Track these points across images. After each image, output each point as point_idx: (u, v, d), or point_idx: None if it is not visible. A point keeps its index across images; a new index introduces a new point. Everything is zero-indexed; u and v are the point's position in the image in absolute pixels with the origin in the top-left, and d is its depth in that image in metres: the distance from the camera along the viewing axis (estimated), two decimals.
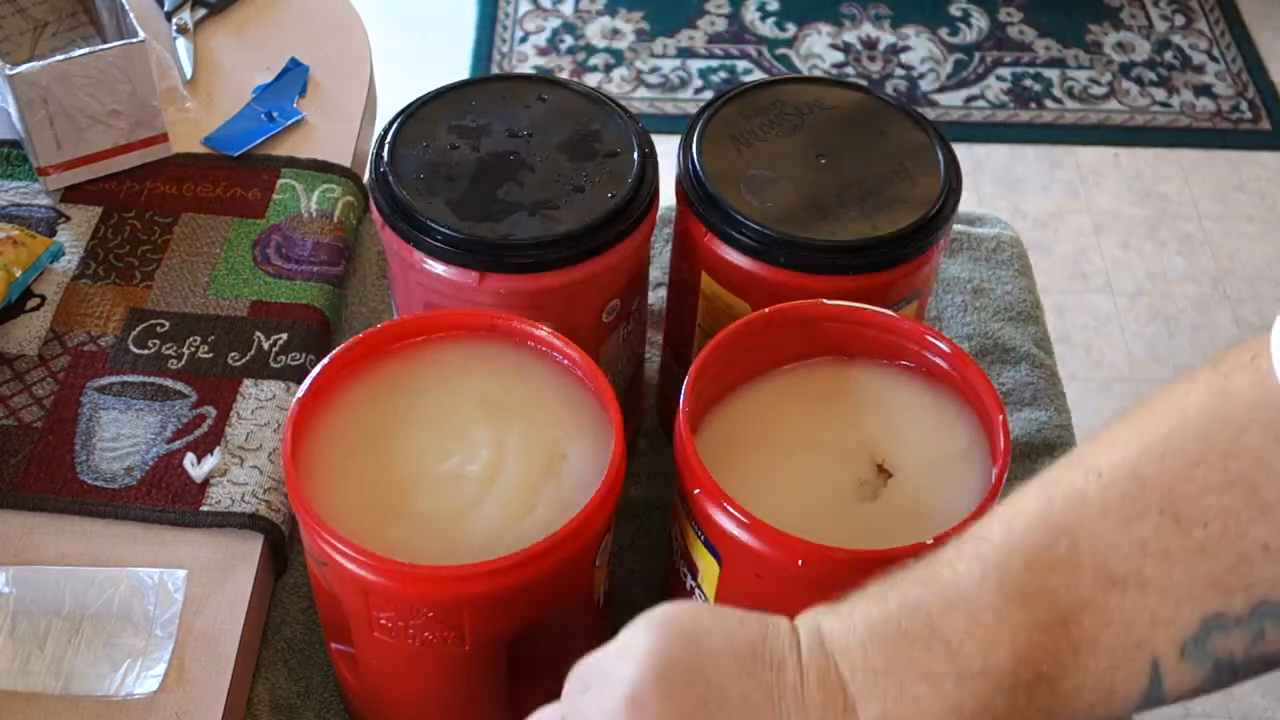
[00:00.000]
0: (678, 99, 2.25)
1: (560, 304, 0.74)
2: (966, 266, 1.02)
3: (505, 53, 2.32)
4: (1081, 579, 0.50)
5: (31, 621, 0.73)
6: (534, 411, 0.69)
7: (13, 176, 0.96)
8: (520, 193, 0.74)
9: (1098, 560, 0.50)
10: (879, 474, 0.68)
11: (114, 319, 0.87)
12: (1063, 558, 0.50)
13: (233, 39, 1.07)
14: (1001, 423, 0.66)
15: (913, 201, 0.76)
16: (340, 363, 0.69)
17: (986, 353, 0.97)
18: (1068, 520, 0.51)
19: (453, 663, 0.65)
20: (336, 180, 0.97)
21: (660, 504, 0.87)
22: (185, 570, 0.75)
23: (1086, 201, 2.15)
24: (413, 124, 0.78)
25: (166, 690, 0.71)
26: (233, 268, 0.91)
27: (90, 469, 0.79)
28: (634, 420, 0.90)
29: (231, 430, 0.81)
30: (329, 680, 0.78)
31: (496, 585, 0.60)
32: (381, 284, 0.97)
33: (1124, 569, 0.50)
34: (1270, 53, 2.40)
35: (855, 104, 0.82)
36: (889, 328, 0.71)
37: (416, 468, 0.66)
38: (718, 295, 0.78)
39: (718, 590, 0.67)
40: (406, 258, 0.73)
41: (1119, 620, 0.50)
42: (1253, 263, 2.07)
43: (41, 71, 0.88)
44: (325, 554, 0.61)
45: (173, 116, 0.99)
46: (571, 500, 0.64)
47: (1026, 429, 0.93)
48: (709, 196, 0.76)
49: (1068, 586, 0.50)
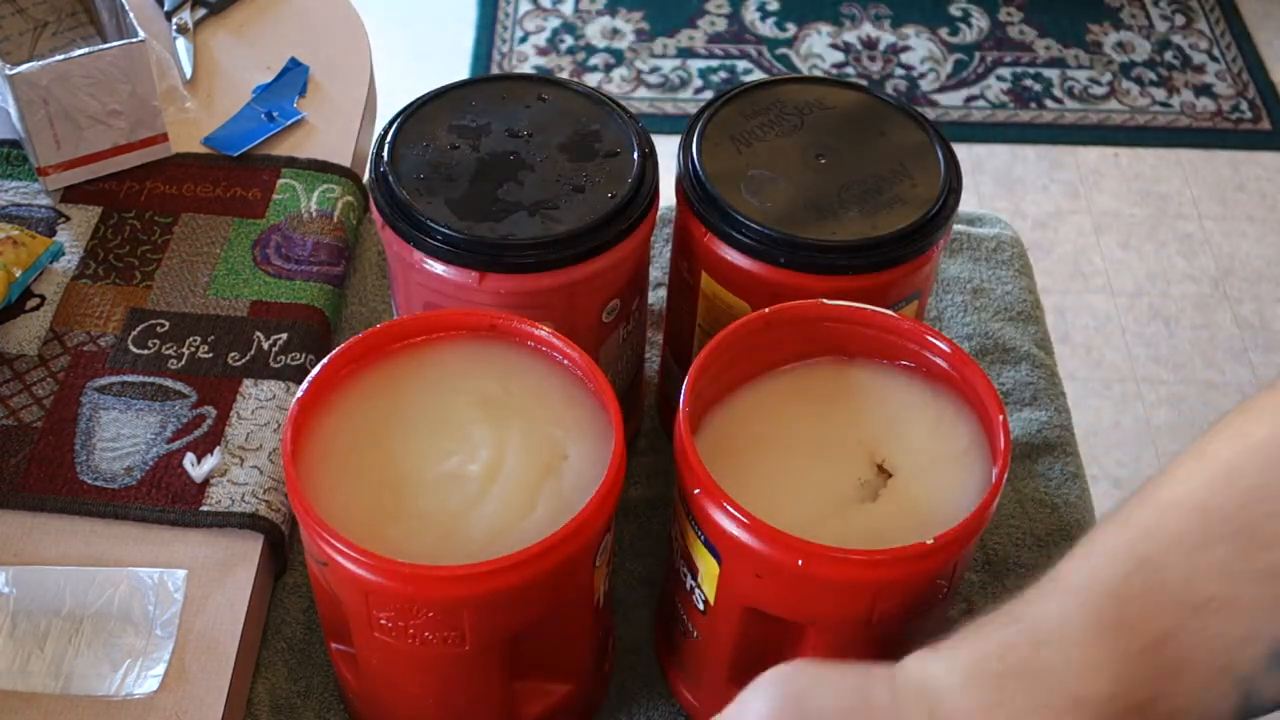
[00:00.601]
0: (678, 99, 2.25)
1: (560, 304, 0.74)
2: (966, 266, 1.02)
3: (505, 53, 2.32)
4: (1166, 606, 0.52)
5: (31, 621, 0.73)
6: (534, 411, 0.69)
7: (13, 176, 0.96)
8: (520, 193, 0.74)
9: (1179, 587, 0.52)
10: (879, 474, 0.68)
11: (114, 319, 0.87)
12: (1145, 587, 0.52)
13: (233, 39, 1.07)
14: (1001, 423, 0.66)
15: (913, 201, 0.76)
16: (340, 363, 0.69)
17: (986, 353, 0.97)
18: (1146, 550, 0.53)
19: (453, 663, 0.65)
20: (336, 180, 0.97)
21: (660, 504, 0.87)
22: (185, 570, 0.75)
23: (1086, 201, 2.15)
24: (413, 124, 0.78)
25: (166, 690, 0.71)
26: (233, 268, 0.91)
27: (90, 469, 0.79)
28: (634, 420, 0.90)
29: (231, 430, 0.81)
30: (329, 680, 0.78)
31: (496, 585, 0.60)
32: (381, 284, 0.97)
33: (1205, 593, 0.51)
34: (1270, 53, 2.40)
35: (855, 104, 0.82)
36: (889, 328, 0.71)
37: (416, 468, 0.66)
38: (718, 295, 0.78)
39: (717, 590, 0.67)
40: (406, 258, 0.73)
41: (1205, 643, 0.51)
42: (1253, 263, 2.07)
43: (41, 71, 0.88)
44: (325, 554, 0.61)
45: (173, 116, 0.99)
46: (571, 500, 0.64)
47: (1026, 429, 0.93)
48: (709, 196, 0.76)
49: (1154, 614, 0.52)
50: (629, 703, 0.78)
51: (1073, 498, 0.89)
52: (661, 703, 0.78)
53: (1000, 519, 0.87)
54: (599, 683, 0.77)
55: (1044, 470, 0.91)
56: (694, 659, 0.75)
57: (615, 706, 0.78)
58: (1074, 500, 0.89)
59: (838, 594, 0.64)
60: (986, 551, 0.86)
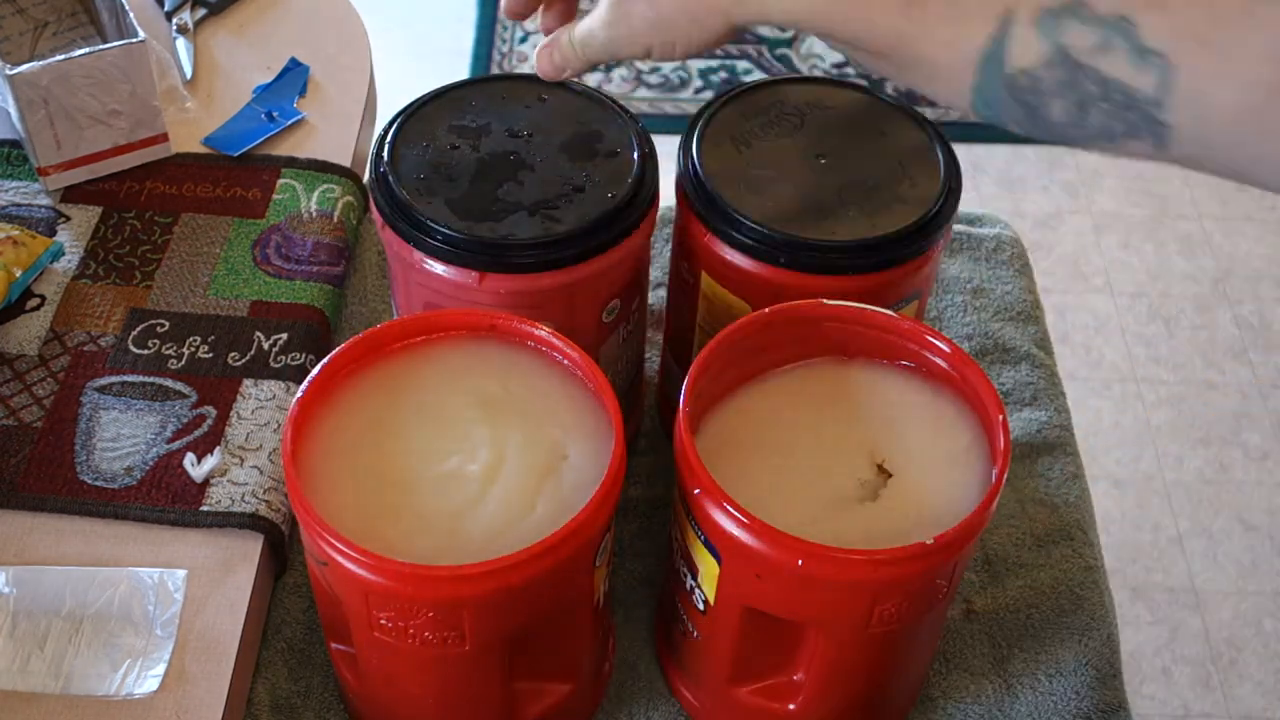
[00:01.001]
0: (678, 99, 2.25)
1: (560, 304, 0.74)
2: (966, 266, 1.02)
3: (505, 53, 2.32)
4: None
5: (31, 621, 0.73)
6: (534, 411, 0.69)
7: (13, 176, 0.96)
8: (520, 193, 0.74)
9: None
10: (879, 474, 0.68)
11: (114, 319, 0.87)
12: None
13: (233, 39, 1.07)
14: (1001, 423, 0.66)
15: (913, 201, 0.76)
16: (340, 363, 0.69)
17: (986, 353, 0.97)
18: None
19: (453, 663, 0.65)
20: (336, 180, 0.97)
21: (660, 504, 0.87)
22: (185, 570, 0.75)
23: (1086, 201, 2.15)
24: (413, 124, 0.78)
25: (166, 690, 0.71)
26: (233, 268, 0.91)
27: (90, 469, 0.79)
28: (634, 420, 0.90)
29: (231, 430, 0.81)
30: (329, 680, 0.78)
31: (496, 585, 0.60)
32: (381, 284, 0.97)
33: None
34: None
35: (855, 104, 0.82)
36: (889, 328, 0.71)
37: (416, 468, 0.66)
38: (718, 295, 0.78)
39: (717, 590, 0.67)
40: (407, 258, 0.73)
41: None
42: (1253, 263, 2.07)
43: (41, 71, 0.88)
44: (325, 554, 0.62)
45: (173, 116, 0.99)
46: (571, 500, 0.64)
47: (1026, 429, 0.93)
48: (709, 196, 0.76)
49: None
50: (629, 703, 0.78)
51: (1073, 498, 0.89)
52: (661, 703, 0.78)
53: (1000, 519, 0.87)
54: (599, 683, 0.77)
55: (1044, 470, 0.91)
56: (694, 659, 0.75)
57: (615, 706, 0.78)
58: (1074, 500, 0.89)
59: (838, 594, 0.64)
60: (986, 551, 0.86)
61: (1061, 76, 0.56)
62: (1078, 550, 0.86)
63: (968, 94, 0.60)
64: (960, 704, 0.79)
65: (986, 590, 0.84)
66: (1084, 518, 0.89)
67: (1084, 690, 0.79)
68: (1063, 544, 0.86)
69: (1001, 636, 0.82)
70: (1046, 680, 0.80)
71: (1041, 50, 0.56)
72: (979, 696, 0.79)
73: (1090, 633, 0.82)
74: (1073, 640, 0.81)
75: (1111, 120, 0.56)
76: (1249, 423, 1.86)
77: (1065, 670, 0.80)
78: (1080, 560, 0.85)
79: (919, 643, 0.72)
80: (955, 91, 0.60)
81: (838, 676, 0.70)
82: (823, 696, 0.72)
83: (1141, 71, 0.54)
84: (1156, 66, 0.53)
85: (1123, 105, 0.55)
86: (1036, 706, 0.79)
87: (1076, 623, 0.82)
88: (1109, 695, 0.80)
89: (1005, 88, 0.58)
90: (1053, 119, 0.58)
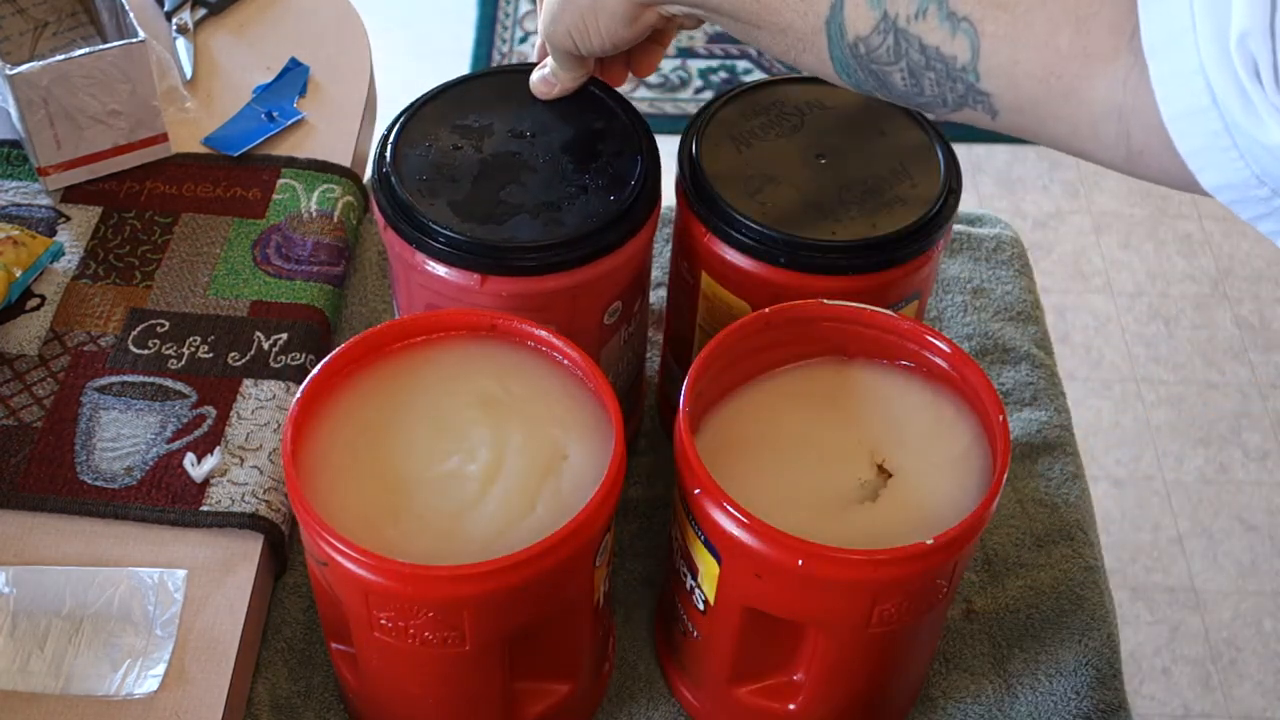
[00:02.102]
0: (678, 99, 2.25)
1: (562, 306, 0.74)
2: (966, 266, 1.03)
3: (505, 53, 2.32)
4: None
5: (31, 621, 0.73)
6: (534, 411, 0.69)
7: (13, 176, 0.96)
8: (523, 194, 0.74)
9: None
10: (879, 474, 0.68)
11: (114, 319, 0.87)
12: None
13: (233, 39, 1.07)
14: (1001, 423, 0.66)
15: (913, 201, 0.76)
16: (340, 363, 0.69)
17: (986, 353, 0.97)
18: None
19: (453, 663, 0.65)
20: (336, 180, 0.97)
21: (660, 504, 0.87)
22: (185, 570, 0.75)
23: (1086, 201, 2.15)
24: (415, 124, 0.77)
25: (166, 690, 0.71)
26: (233, 268, 0.91)
27: (90, 469, 0.79)
28: (634, 420, 0.90)
29: (231, 430, 0.81)
30: (329, 680, 0.78)
31: (496, 585, 0.60)
32: (381, 284, 0.97)
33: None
34: None
35: (855, 104, 0.82)
36: (889, 328, 0.71)
37: (416, 468, 0.66)
38: (718, 295, 0.78)
39: (717, 590, 0.67)
40: (409, 259, 0.73)
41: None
42: (1252, 263, 2.07)
43: (41, 71, 0.88)
44: (325, 554, 0.62)
45: (173, 116, 0.99)
46: (571, 500, 0.64)
47: (1026, 429, 0.93)
48: (709, 196, 0.76)
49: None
50: (629, 703, 0.78)
51: (1073, 498, 0.89)
52: (661, 703, 0.78)
53: (1000, 519, 0.87)
54: (599, 683, 0.77)
55: (1044, 470, 0.91)
56: (694, 659, 0.75)
57: (615, 706, 0.78)
58: (1074, 500, 0.89)
59: (838, 594, 0.64)
60: (986, 551, 0.86)
61: (890, 44, 0.56)
62: (1078, 550, 0.86)
63: (829, 62, 0.60)
64: (960, 704, 0.79)
65: (986, 590, 0.84)
66: (1084, 518, 0.89)
67: (1084, 690, 0.79)
68: (1063, 544, 0.86)
69: (1001, 636, 0.82)
70: (1046, 680, 0.80)
71: (871, 17, 0.56)
72: (979, 696, 0.79)
73: (1090, 633, 0.82)
74: (1073, 640, 0.81)
75: (943, 89, 0.56)
76: (1249, 423, 1.86)
77: (1065, 670, 0.80)
78: (1080, 560, 0.85)
79: (919, 643, 0.72)
80: (820, 60, 0.60)
81: (838, 676, 0.70)
82: (823, 696, 0.72)
83: (955, 38, 0.54)
84: (966, 33, 0.54)
85: (945, 74, 0.55)
86: (1036, 706, 0.79)
87: (1076, 623, 0.82)
88: (1109, 695, 0.80)
89: (852, 56, 0.58)
90: (897, 88, 0.58)
